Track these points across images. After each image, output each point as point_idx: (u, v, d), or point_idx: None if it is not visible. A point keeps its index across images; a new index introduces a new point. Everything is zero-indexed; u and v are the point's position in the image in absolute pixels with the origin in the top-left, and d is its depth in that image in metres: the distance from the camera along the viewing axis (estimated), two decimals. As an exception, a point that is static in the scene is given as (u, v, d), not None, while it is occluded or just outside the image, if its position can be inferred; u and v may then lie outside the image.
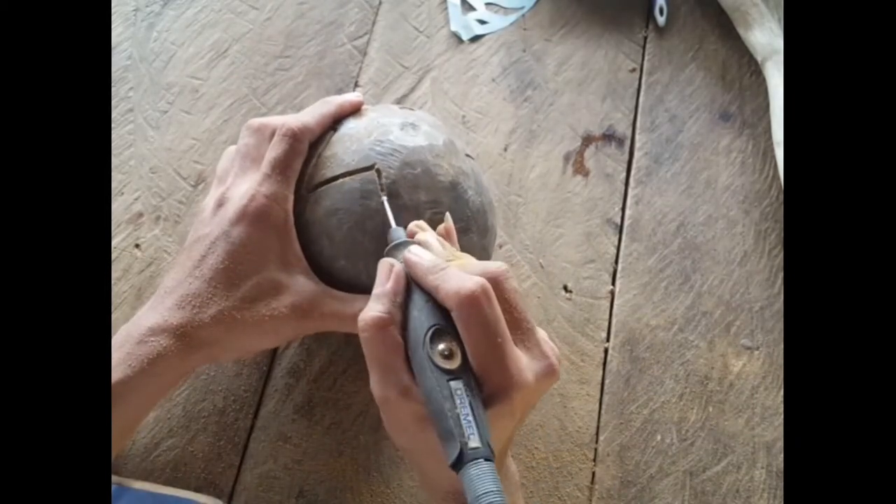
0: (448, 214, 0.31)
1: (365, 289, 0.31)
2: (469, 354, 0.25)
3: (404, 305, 0.26)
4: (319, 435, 0.37)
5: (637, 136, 0.45)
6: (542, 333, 0.27)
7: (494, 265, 0.26)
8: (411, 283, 0.27)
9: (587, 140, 0.45)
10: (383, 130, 0.34)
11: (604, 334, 0.40)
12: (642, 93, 0.47)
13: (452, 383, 0.23)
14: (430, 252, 0.27)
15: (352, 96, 0.35)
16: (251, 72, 0.46)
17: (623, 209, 0.43)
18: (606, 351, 0.40)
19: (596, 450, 0.37)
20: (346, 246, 0.32)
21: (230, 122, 0.45)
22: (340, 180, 0.33)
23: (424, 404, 0.24)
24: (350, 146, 0.33)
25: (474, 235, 0.34)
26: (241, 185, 0.32)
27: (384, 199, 0.31)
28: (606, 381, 0.39)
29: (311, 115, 0.34)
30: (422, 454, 0.27)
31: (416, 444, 0.27)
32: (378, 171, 0.32)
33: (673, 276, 0.42)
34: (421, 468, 0.29)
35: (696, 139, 0.46)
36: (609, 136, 0.45)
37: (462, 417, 0.23)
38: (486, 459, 0.22)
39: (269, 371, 0.38)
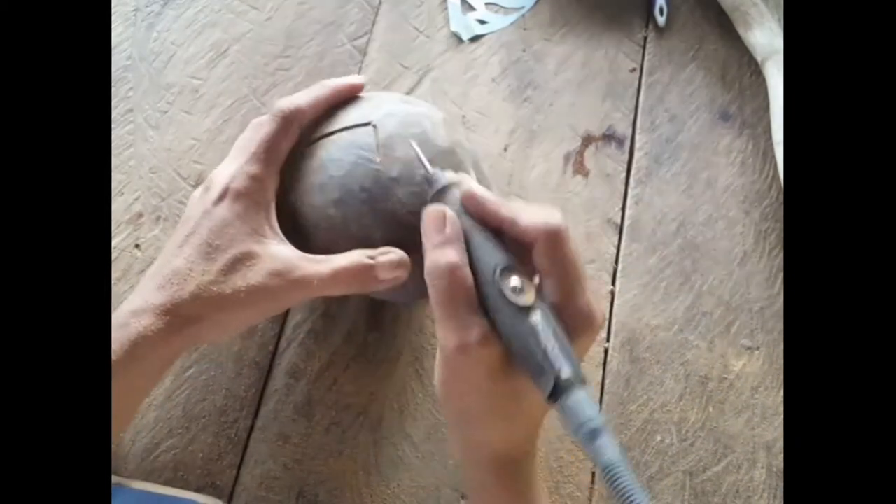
0: (472, 171, 0.30)
1: (353, 237, 0.31)
2: (551, 287, 0.25)
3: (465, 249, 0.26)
4: (319, 435, 0.37)
5: (637, 136, 0.45)
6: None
7: (558, 215, 0.26)
8: (466, 226, 0.26)
9: (587, 140, 0.45)
10: (382, 100, 0.34)
11: (604, 334, 0.40)
12: (642, 93, 0.47)
13: (532, 317, 0.23)
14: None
15: (352, 78, 0.35)
16: (251, 72, 0.46)
17: (623, 209, 0.43)
18: (606, 351, 0.40)
19: None
20: (336, 194, 0.32)
21: (230, 122, 0.44)
22: (337, 134, 0.33)
23: (505, 346, 0.24)
24: (349, 109, 0.34)
25: None
26: (228, 167, 0.32)
27: (413, 143, 0.30)
28: (606, 381, 0.39)
29: (305, 96, 0.33)
30: (489, 413, 0.26)
31: (485, 400, 0.26)
32: (375, 127, 0.33)
33: (673, 276, 0.42)
34: (481, 434, 0.28)
35: (696, 139, 0.45)
36: (609, 136, 0.45)
37: (549, 350, 0.23)
38: (581, 385, 0.22)
39: (269, 371, 0.39)
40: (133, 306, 0.30)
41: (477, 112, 0.46)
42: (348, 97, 0.35)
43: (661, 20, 0.48)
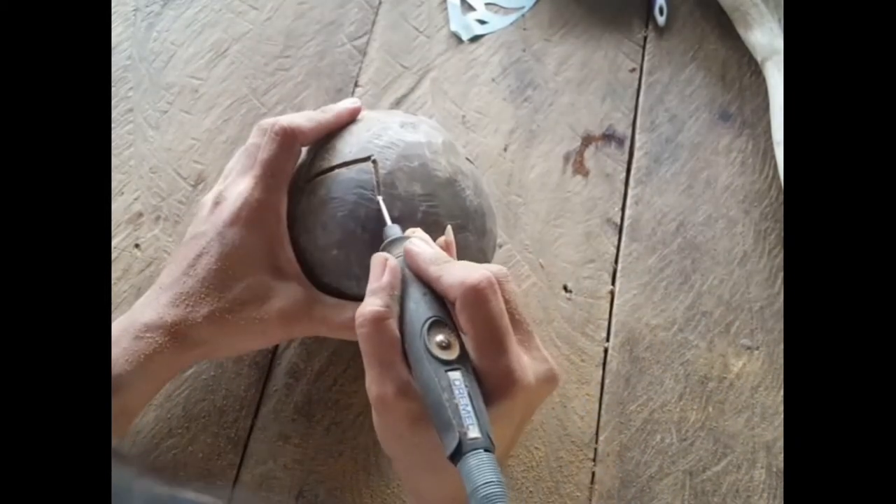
0: (449, 227, 0.30)
1: (356, 282, 0.31)
2: (470, 347, 0.24)
3: (401, 300, 0.26)
4: (319, 435, 0.37)
5: (637, 136, 0.45)
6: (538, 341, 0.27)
7: (495, 266, 0.26)
8: (406, 278, 0.26)
9: (587, 140, 0.45)
10: (382, 126, 0.34)
11: (604, 334, 0.40)
12: (642, 93, 0.46)
13: (451, 373, 0.23)
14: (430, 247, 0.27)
15: (348, 102, 0.35)
16: (251, 72, 0.45)
17: (623, 209, 0.43)
18: (606, 351, 0.40)
19: (596, 450, 0.37)
20: (339, 235, 0.32)
21: (230, 121, 0.44)
22: (336, 171, 0.33)
23: (422, 399, 0.24)
24: (348, 139, 0.34)
25: (470, 235, 0.34)
26: (238, 184, 0.32)
27: (380, 198, 0.31)
28: (606, 381, 0.39)
29: (307, 119, 0.33)
30: (416, 464, 0.26)
31: (410, 450, 0.26)
32: (374, 162, 0.32)
33: (673, 276, 0.42)
34: (414, 483, 0.28)
35: (695, 139, 0.45)
36: (609, 136, 0.45)
37: (461, 407, 0.22)
38: (486, 450, 0.21)
39: (269, 371, 0.38)
40: (147, 318, 0.30)
41: (476, 112, 0.46)
42: (348, 121, 0.35)
43: (660, 20, 0.48)
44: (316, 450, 0.36)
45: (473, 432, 0.22)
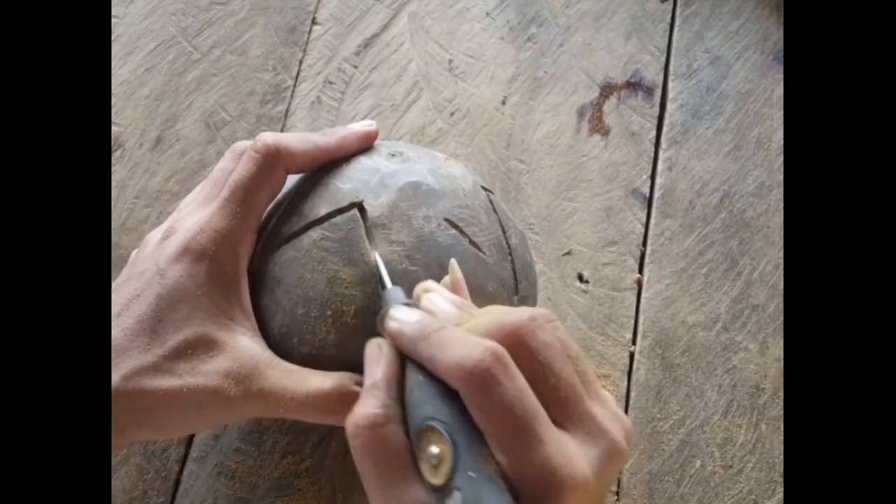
0: (453, 261, 0.26)
1: (334, 359, 0.27)
2: (493, 446, 0.20)
3: (402, 394, 0.22)
4: (271, 468, 0.33)
5: (670, 85, 0.41)
6: (602, 394, 0.23)
7: (516, 313, 0.22)
8: (406, 362, 0.23)
9: (607, 90, 0.41)
10: (400, 175, 0.28)
11: (629, 335, 0.36)
12: (676, 28, 0.42)
13: (448, 501, 0.19)
14: (429, 312, 0.23)
15: (363, 125, 0.29)
16: (180, 7, 0.41)
17: (653, 177, 0.39)
18: (632, 356, 0.36)
19: (619, 481, 0.34)
20: (299, 324, 0.27)
21: (153, 71, 0.40)
22: (301, 236, 0.27)
23: None
24: (345, 179, 0.28)
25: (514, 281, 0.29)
26: (195, 214, 0.28)
27: (376, 255, 0.26)
28: (632, 394, 0.35)
29: (301, 139, 0.28)
30: None
31: None
32: (361, 209, 0.27)
33: (716, 261, 0.38)
34: None
35: (744, 87, 0.41)
36: (635, 85, 0.41)
37: None
38: None
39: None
40: None
41: (467, 55, 0.41)
42: (357, 151, 0.29)
43: (698, -63, 0.45)
44: (267, 487, 0.33)
45: None
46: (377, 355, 0.23)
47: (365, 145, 0.29)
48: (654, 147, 0.40)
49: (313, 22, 0.41)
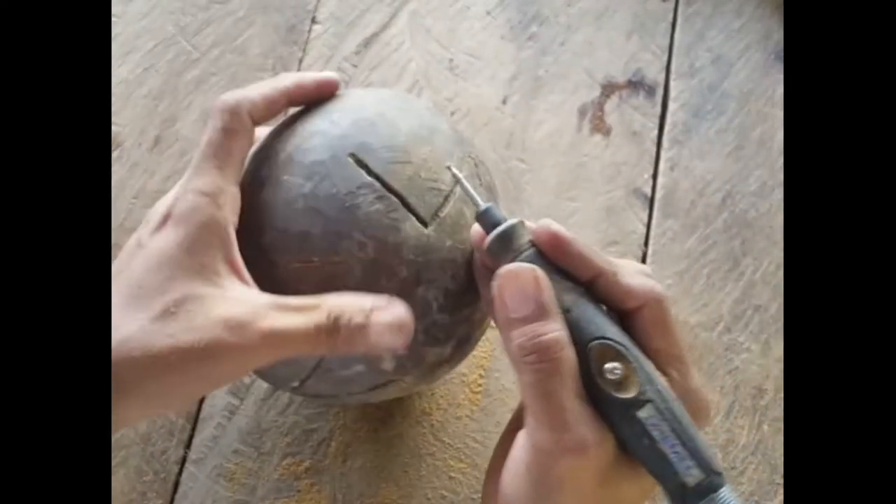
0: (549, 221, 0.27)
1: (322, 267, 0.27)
2: (661, 365, 0.23)
3: None
4: (270, 469, 0.33)
5: (672, 84, 0.41)
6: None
7: (654, 281, 0.25)
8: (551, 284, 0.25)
9: (608, 89, 0.41)
10: (366, 112, 0.28)
11: None
12: (678, 27, 0.42)
13: (640, 413, 0.21)
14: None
15: (319, 75, 0.30)
16: (179, 5, 0.41)
17: (654, 176, 0.39)
18: None
19: None
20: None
21: (152, 70, 0.40)
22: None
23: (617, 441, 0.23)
24: (316, 118, 0.28)
25: None
26: (172, 191, 0.28)
27: (454, 168, 0.26)
28: None
29: (256, 86, 0.29)
30: None
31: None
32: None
33: (718, 262, 0.38)
34: None
35: (746, 86, 0.41)
36: (636, 84, 0.41)
37: (670, 454, 0.21)
38: (714, 489, 0.21)
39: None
40: None
41: (468, 54, 0.41)
42: (315, 97, 0.29)
43: (700, -65, 0.44)
44: (267, 489, 0.32)
45: (693, 476, 0.21)
46: (533, 281, 0.23)
47: (325, 93, 0.29)
48: (655, 147, 0.40)
49: (313, 21, 0.41)
